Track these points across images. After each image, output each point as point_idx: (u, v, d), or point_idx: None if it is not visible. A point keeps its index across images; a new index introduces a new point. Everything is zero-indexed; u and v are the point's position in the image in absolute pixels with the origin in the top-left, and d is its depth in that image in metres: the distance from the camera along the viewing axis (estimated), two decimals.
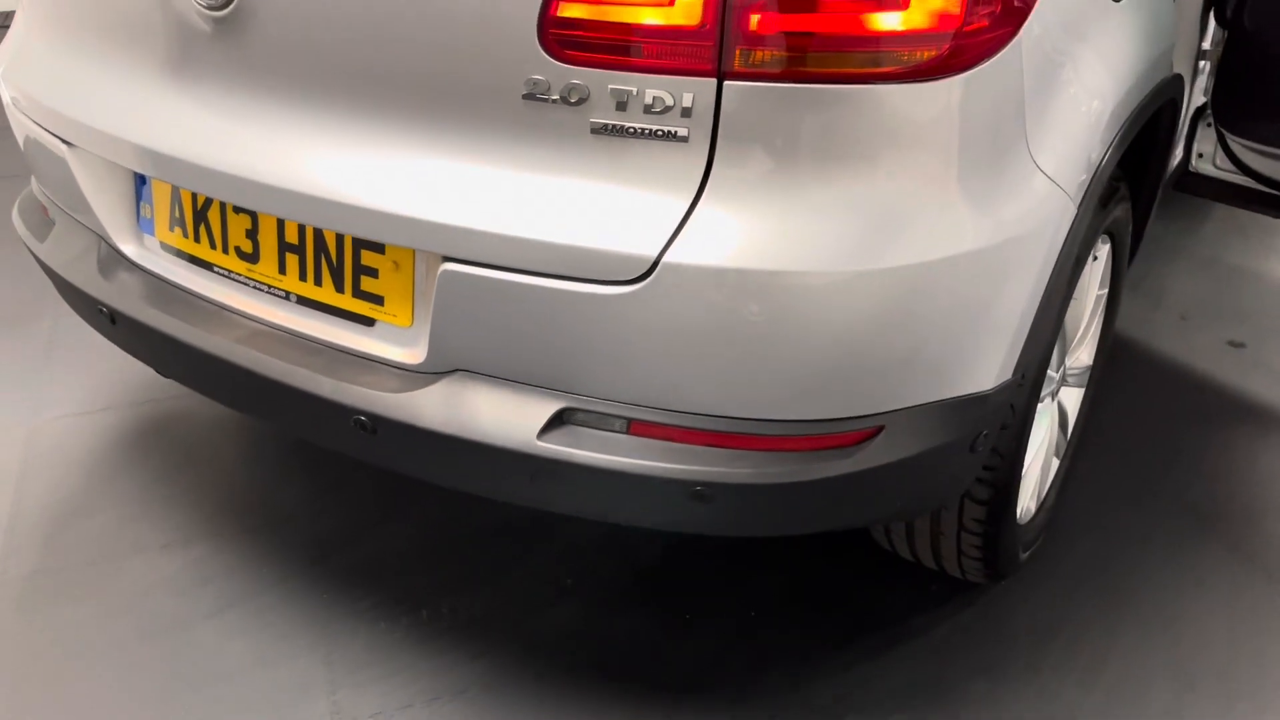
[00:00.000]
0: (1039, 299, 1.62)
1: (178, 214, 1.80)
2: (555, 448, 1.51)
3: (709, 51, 1.33)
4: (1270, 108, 2.55)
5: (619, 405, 1.51)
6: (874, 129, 1.37)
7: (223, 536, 2.33)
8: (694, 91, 1.35)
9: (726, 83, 1.34)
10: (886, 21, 1.32)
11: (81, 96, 1.81)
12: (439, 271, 1.50)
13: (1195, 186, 2.99)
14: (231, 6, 1.55)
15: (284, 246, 1.69)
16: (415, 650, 2.07)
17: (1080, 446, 2.46)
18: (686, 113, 1.36)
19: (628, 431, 1.53)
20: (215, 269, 1.79)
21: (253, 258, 1.73)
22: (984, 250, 1.49)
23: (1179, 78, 2.11)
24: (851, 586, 2.20)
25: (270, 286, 1.73)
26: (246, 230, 1.72)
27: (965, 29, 1.35)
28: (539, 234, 1.43)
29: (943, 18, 1.33)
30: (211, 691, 1.96)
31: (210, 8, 1.57)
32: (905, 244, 1.43)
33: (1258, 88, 2.55)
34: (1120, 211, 2.05)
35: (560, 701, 1.97)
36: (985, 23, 1.36)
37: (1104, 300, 2.28)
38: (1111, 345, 2.40)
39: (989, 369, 1.60)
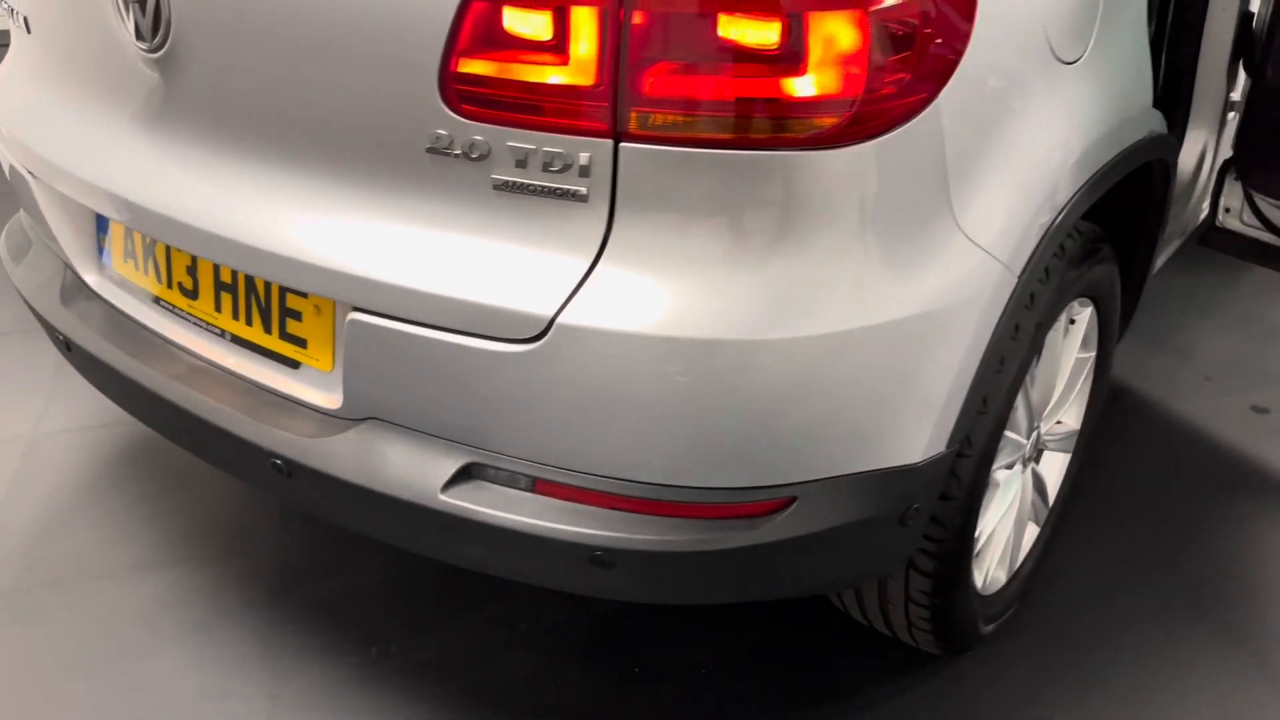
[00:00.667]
0: (973, 370, 1.55)
1: (130, 246, 1.83)
2: (458, 503, 1.49)
3: (605, 111, 1.30)
4: None
5: (524, 463, 1.48)
6: (776, 196, 1.32)
7: (193, 561, 2.35)
8: (591, 151, 1.32)
9: (623, 144, 1.31)
10: (785, 87, 1.27)
11: (43, 129, 1.85)
12: (347, 320, 1.49)
13: (1221, 243, 2.86)
14: (165, 49, 1.57)
15: (219, 285, 1.70)
16: (360, 690, 2.06)
17: (1066, 513, 2.35)
18: (585, 172, 1.33)
19: (533, 490, 1.50)
20: (161, 303, 1.81)
21: (193, 294, 1.75)
22: (903, 321, 1.43)
23: (1164, 138, 2.02)
24: (815, 651, 2.13)
25: (208, 324, 1.74)
26: (187, 267, 1.74)
27: (871, 95, 1.29)
28: (440, 288, 1.41)
29: (845, 83, 1.28)
30: None
31: (148, 50, 1.59)
32: (813, 314, 1.38)
33: None
34: (1100, 273, 1.96)
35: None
36: (893, 89, 1.31)
37: (1090, 364, 2.18)
38: (1103, 407, 2.30)
39: (915, 441, 1.53)
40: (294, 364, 1.65)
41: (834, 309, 1.39)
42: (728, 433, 1.42)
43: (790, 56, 1.26)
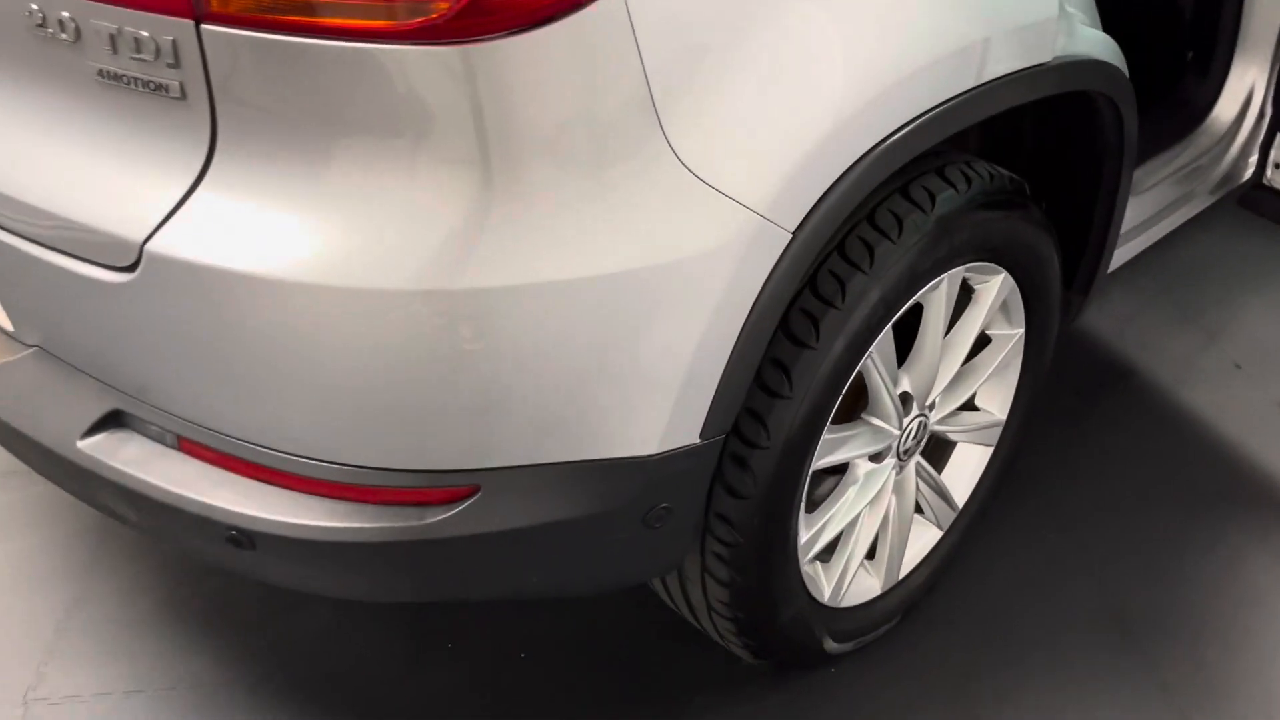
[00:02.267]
0: (728, 346, 1.22)
1: None
2: (91, 455, 1.26)
3: None
4: None
5: (164, 415, 1.24)
6: (391, 103, 1.02)
7: None
8: (174, 35, 1.04)
9: (205, 26, 1.02)
10: None
11: None
12: None
13: (1262, 205, 2.36)
14: None
15: None
16: (144, 638, 1.89)
17: (993, 515, 1.97)
18: (174, 61, 1.05)
19: (178, 448, 1.26)
20: None
21: None
22: (601, 278, 1.11)
23: (1105, 69, 1.58)
24: (653, 647, 1.84)
25: None
26: None
27: None
28: (42, 201, 1.17)
29: None
30: None
31: None
32: (470, 262, 1.08)
33: None
34: (1004, 233, 1.57)
35: (270, 709, 1.74)
36: None
37: (1016, 343, 1.78)
38: (1033, 398, 1.89)
39: (644, 429, 1.22)
40: None
41: (501, 258, 1.08)
42: (368, 401, 1.14)
43: None
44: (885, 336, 1.48)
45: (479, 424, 1.16)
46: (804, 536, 1.55)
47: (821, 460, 1.50)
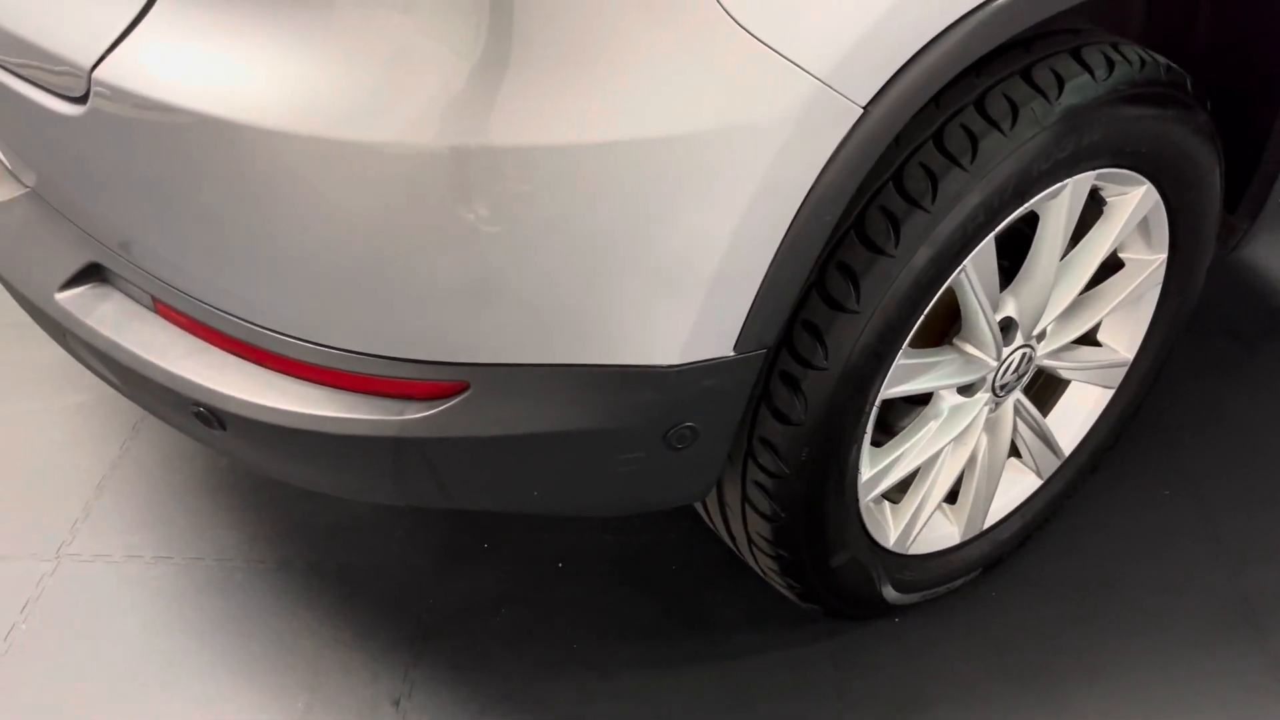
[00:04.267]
0: (774, 242, 1.01)
1: None
2: (67, 308, 1.15)
3: None
4: None
5: (138, 271, 1.11)
6: None
7: None
8: None
9: None
10: None
11: None
12: None
13: None
14: None
15: None
16: (180, 506, 1.82)
17: (1093, 469, 1.71)
18: None
19: (154, 309, 1.14)
20: None
21: None
22: (617, 145, 0.92)
23: None
24: (698, 577, 1.68)
25: None
26: None
27: None
28: (8, 21, 1.03)
29: None
30: None
31: None
32: (450, 113, 0.90)
33: None
34: (1159, 134, 1.30)
35: (287, 593, 1.67)
36: None
37: (1155, 272, 1.50)
38: (1171, 338, 1.61)
39: (662, 334, 1.03)
40: None
41: (508, 112, 0.90)
42: (342, 272, 0.98)
43: None
44: (985, 249, 1.24)
45: (471, 310, 0.99)
46: (867, 473, 1.34)
47: (894, 389, 1.29)
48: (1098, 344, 1.59)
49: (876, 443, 1.37)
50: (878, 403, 1.27)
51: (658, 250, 0.98)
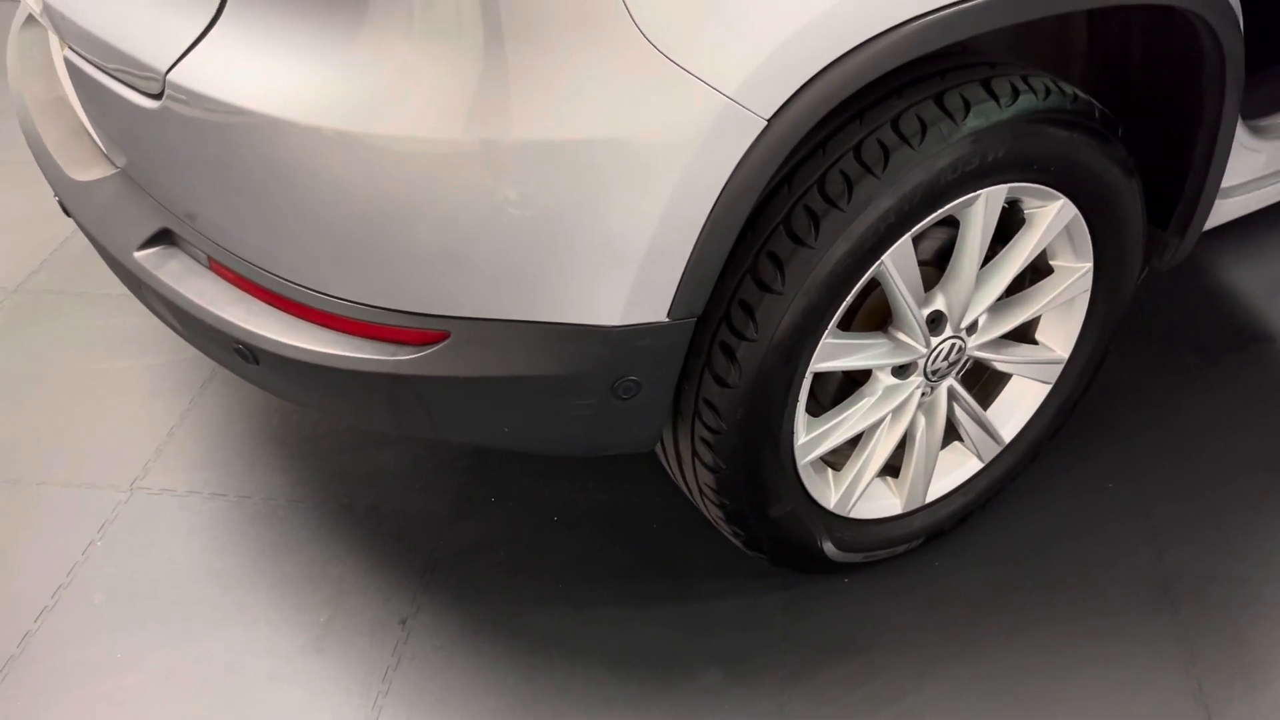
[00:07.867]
0: (695, 228, 1.24)
1: None
2: (143, 265, 1.44)
3: None
4: None
5: (199, 236, 1.39)
6: None
7: None
8: None
9: None
10: None
11: None
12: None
13: None
14: None
15: None
16: (238, 452, 2.11)
17: (1034, 456, 1.89)
18: None
19: (209, 267, 1.41)
20: None
21: None
22: (555, 144, 1.16)
23: None
24: (678, 530, 1.91)
25: None
26: None
27: None
28: (94, 26, 1.32)
29: None
30: None
31: None
32: (441, 114, 1.15)
33: None
34: (1066, 155, 1.49)
35: (320, 528, 1.94)
36: None
37: (1082, 279, 1.69)
38: (1104, 339, 1.79)
39: (605, 299, 1.27)
40: None
41: (464, 114, 1.15)
42: (346, 238, 1.24)
43: None
44: (903, 248, 1.45)
45: (447, 273, 1.25)
46: (803, 437, 1.56)
47: (825, 363, 1.50)
48: (1035, 342, 1.79)
49: (814, 412, 1.59)
50: (808, 374, 1.48)
51: (597, 230, 1.22)
